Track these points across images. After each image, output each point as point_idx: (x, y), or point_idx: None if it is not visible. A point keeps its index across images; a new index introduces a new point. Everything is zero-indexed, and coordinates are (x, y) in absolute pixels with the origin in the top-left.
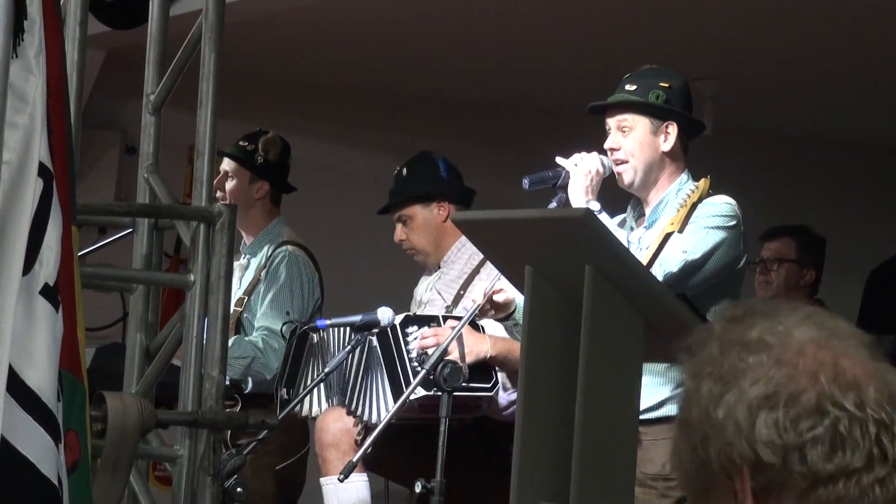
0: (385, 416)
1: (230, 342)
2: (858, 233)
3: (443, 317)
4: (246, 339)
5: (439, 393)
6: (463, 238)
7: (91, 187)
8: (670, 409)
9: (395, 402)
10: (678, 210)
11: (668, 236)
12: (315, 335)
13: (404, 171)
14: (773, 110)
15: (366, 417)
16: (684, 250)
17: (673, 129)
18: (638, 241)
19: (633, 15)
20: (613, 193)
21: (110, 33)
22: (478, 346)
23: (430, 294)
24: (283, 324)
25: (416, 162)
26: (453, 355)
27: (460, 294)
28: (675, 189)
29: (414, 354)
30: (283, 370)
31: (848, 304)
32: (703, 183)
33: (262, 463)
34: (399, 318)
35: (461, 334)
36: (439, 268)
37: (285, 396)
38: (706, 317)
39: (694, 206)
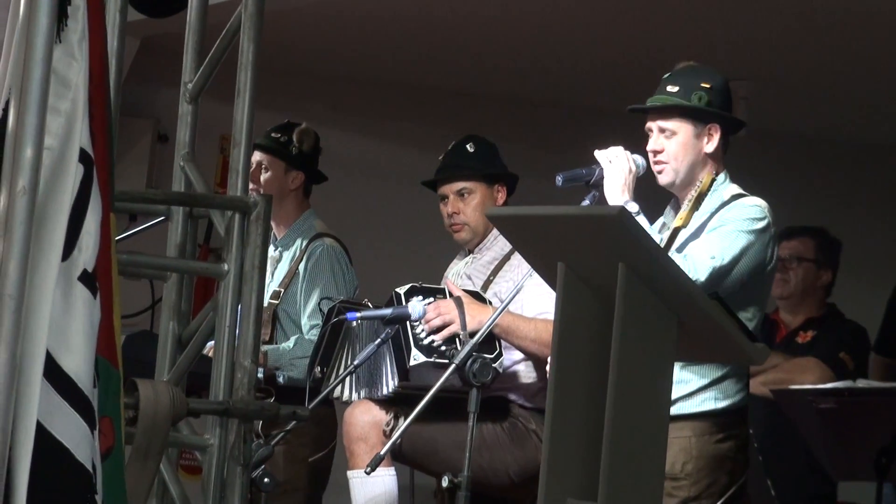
0: (388, 390)
1: (291, 343)
2: (892, 236)
3: (448, 290)
4: (306, 337)
5: (440, 360)
6: None
7: (122, 174)
8: (680, 408)
9: (398, 368)
10: (688, 207)
11: (676, 231)
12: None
13: (469, 146)
14: (806, 111)
15: (378, 394)
16: (712, 255)
17: (716, 132)
18: None
19: (667, 14)
20: (649, 191)
21: (145, 21)
22: (480, 315)
23: (460, 280)
24: (321, 299)
25: (478, 141)
26: (455, 325)
27: (490, 280)
28: (712, 190)
29: (416, 323)
30: (319, 348)
31: (865, 310)
32: (707, 177)
33: (296, 454)
34: (404, 289)
35: (463, 304)
36: (471, 252)
37: (318, 375)
38: (738, 317)
39: (699, 201)
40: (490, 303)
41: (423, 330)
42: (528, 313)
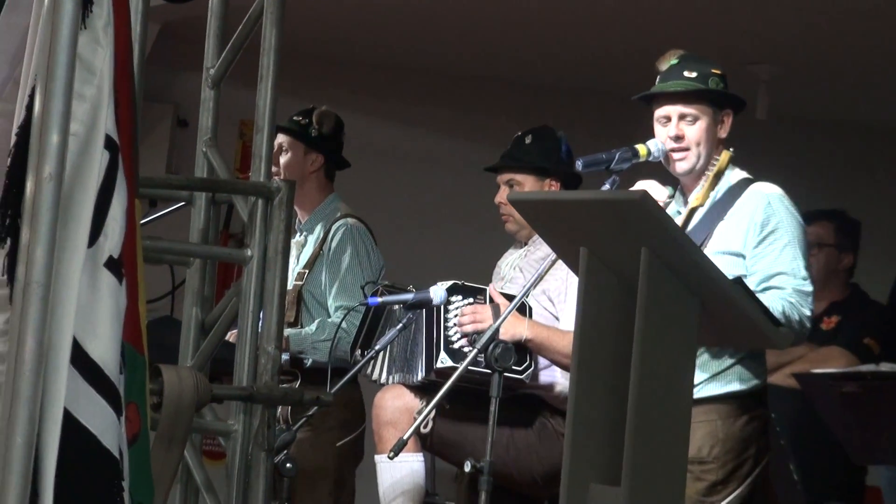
0: (417, 379)
1: (313, 326)
2: None
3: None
4: (328, 320)
5: (472, 368)
6: None
7: (142, 160)
8: (704, 391)
9: (426, 365)
10: (704, 186)
11: (692, 211)
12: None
13: (528, 138)
14: (827, 95)
15: (410, 381)
16: (804, 277)
17: (729, 118)
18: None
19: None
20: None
21: (164, 6)
22: (514, 328)
23: (513, 272)
24: (365, 284)
25: (540, 134)
26: (488, 333)
27: (541, 275)
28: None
29: (451, 324)
30: (360, 332)
31: (887, 290)
32: (725, 155)
33: (323, 439)
34: (446, 285)
35: (499, 312)
36: (526, 244)
37: (359, 358)
38: (761, 301)
39: (717, 179)
40: (529, 311)
41: (456, 332)
42: (565, 323)
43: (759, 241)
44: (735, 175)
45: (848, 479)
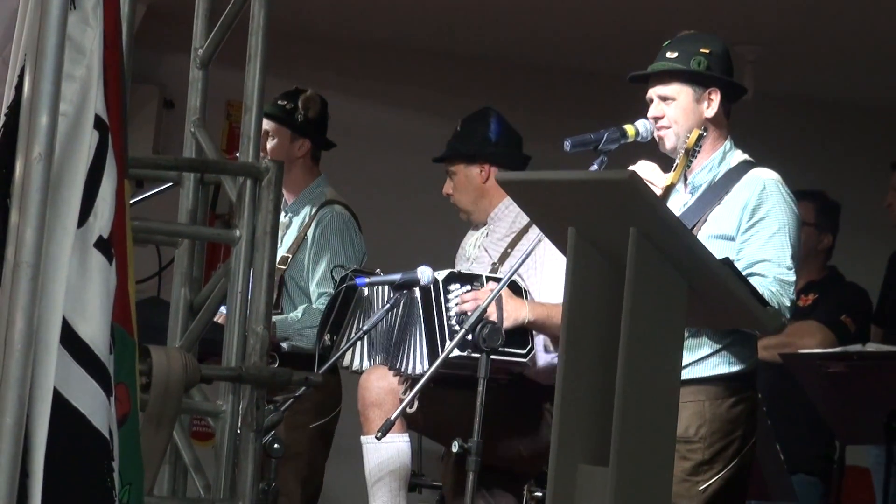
0: (420, 371)
1: (299, 313)
2: None
3: (486, 277)
4: (314, 307)
5: (475, 354)
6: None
7: (128, 141)
8: (693, 373)
9: (430, 356)
10: (677, 165)
11: (668, 190)
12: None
13: (459, 126)
14: (815, 75)
15: (404, 369)
16: (789, 266)
17: (716, 96)
18: (684, 205)
19: None
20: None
21: None
22: (517, 312)
23: (476, 251)
24: (333, 267)
25: (471, 120)
26: (492, 317)
27: (507, 252)
28: (720, 157)
29: (453, 313)
30: (328, 316)
31: (867, 273)
32: (695, 133)
33: (296, 421)
34: (443, 275)
35: (501, 298)
36: (486, 224)
37: (328, 343)
38: (749, 282)
39: (689, 157)
40: (526, 295)
41: (456, 322)
42: (546, 297)
43: (749, 226)
44: (736, 157)
45: (820, 452)
